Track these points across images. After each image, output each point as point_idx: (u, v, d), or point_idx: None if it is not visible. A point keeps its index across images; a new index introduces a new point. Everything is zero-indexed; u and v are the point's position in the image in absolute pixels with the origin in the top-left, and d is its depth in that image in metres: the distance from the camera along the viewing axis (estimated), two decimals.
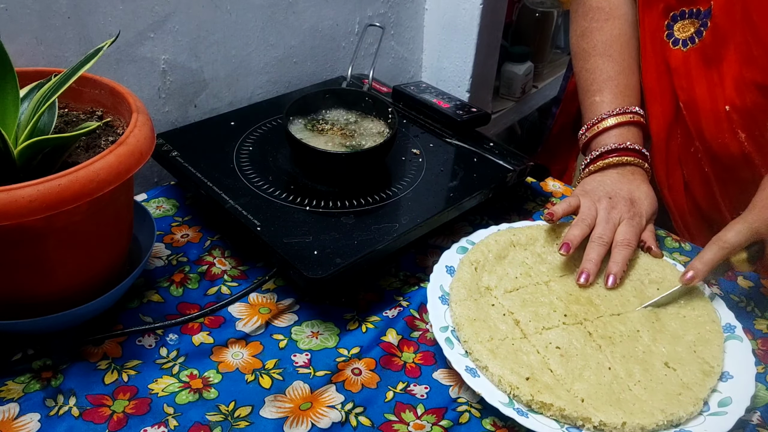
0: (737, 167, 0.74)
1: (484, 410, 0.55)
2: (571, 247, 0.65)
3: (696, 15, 0.74)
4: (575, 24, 0.85)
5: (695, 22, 0.74)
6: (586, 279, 0.64)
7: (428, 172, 0.75)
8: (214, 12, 0.82)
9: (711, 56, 0.73)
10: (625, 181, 0.73)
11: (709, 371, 0.56)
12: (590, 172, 0.75)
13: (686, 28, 0.75)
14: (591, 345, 0.58)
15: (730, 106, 0.72)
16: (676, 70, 0.76)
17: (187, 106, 0.86)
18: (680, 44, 0.75)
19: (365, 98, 0.81)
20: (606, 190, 0.71)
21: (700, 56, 0.74)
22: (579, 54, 0.83)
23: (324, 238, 0.62)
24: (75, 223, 0.51)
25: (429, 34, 1.16)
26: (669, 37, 0.77)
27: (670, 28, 0.77)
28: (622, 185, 0.72)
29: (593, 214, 0.68)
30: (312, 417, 0.53)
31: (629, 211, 0.69)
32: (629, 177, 0.73)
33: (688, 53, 0.75)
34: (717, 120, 0.73)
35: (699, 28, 0.74)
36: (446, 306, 0.61)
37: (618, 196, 0.70)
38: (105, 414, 0.52)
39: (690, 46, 0.74)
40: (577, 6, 0.85)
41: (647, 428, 0.51)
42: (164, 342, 0.59)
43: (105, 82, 0.61)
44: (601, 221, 0.68)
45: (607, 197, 0.70)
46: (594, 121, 0.77)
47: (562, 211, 0.68)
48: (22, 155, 0.50)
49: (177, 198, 0.77)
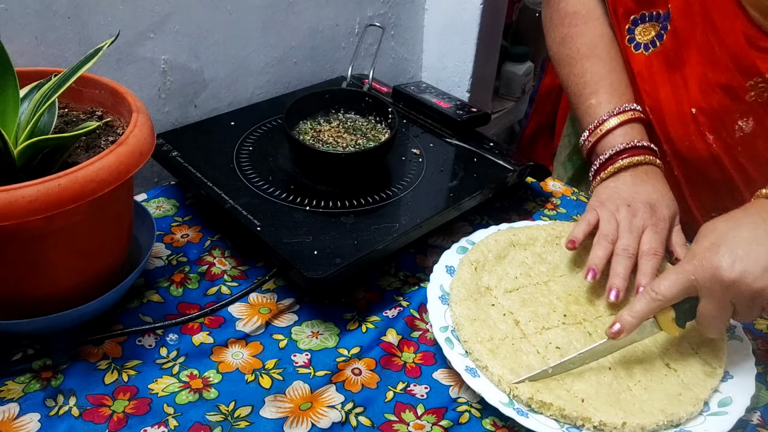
0: (706, 169, 0.73)
1: (484, 410, 0.55)
2: (597, 273, 0.62)
3: (656, 18, 0.73)
4: (553, 32, 0.82)
5: (656, 25, 0.73)
6: (617, 296, 0.61)
7: (428, 172, 0.75)
8: (214, 12, 0.82)
9: (673, 59, 0.72)
10: (641, 183, 0.69)
11: (711, 372, 0.56)
12: (602, 179, 0.72)
13: (647, 31, 0.74)
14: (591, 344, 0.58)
15: (696, 109, 0.71)
16: (639, 74, 0.75)
17: (187, 106, 0.86)
18: (642, 48, 0.74)
19: (365, 98, 0.81)
20: (623, 197, 0.68)
21: (663, 59, 0.73)
22: (563, 60, 0.80)
23: (324, 238, 0.62)
24: (75, 224, 0.51)
25: (429, 34, 1.16)
26: (630, 41, 0.75)
27: (631, 33, 0.75)
28: (639, 189, 0.69)
29: (614, 227, 0.65)
30: (312, 417, 0.53)
31: (651, 218, 0.66)
32: (643, 178, 0.70)
33: (650, 57, 0.74)
34: (683, 123, 0.72)
35: (660, 31, 0.72)
36: (446, 306, 0.61)
37: (636, 202, 0.67)
38: (105, 414, 0.52)
39: (652, 50, 0.73)
40: (551, 14, 0.83)
41: (647, 428, 0.51)
42: (164, 342, 0.59)
43: (105, 82, 0.61)
44: (623, 232, 0.65)
45: (626, 205, 0.67)
46: (595, 125, 0.74)
47: (582, 234, 0.65)
48: (22, 155, 0.50)
49: (177, 198, 0.77)
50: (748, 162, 0.71)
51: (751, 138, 0.69)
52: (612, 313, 0.62)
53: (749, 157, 0.71)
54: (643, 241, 0.65)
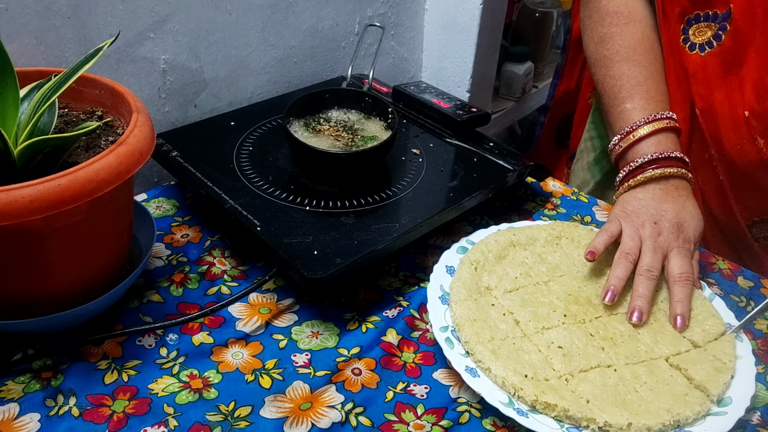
0: (755, 174, 0.72)
1: (484, 410, 0.55)
2: (616, 295, 0.61)
3: (713, 18, 0.72)
4: (591, 31, 0.80)
5: (712, 25, 0.72)
6: (639, 318, 0.60)
7: (428, 172, 0.75)
8: (214, 12, 0.82)
9: (731, 60, 0.70)
10: (670, 199, 0.67)
11: (722, 367, 0.56)
12: (629, 187, 0.70)
13: (702, 32, 0.73)
14: (593, 345, 0.58)
15: (750, 112, 0.70)
16: (693, 76, 0.73)
17: (187, 106, 0.86)
18: (697, 48, 0.73)
19: (365, 98, 0.81)
20: (650, 212, 0.66)
21: (719, 61, 0.71)
22: (600, 61, 0.78)
23: (324, 238, 0.62)
24: (75, 223, 0.51)
25: (429, 34, 1.16)
26: (685, 41, 0.74)
27: (685, 33, 0.74)
28: (667, 206, 0.67)
29: (637, 245, 0.64)
30: (312, 417, 0.53)
31: (678, 238, 0.64)
32: (674, 194, 0.68)
33: (705, 58, 0.72)
34: (735, 126, 0.71)
35: (717, 31, 0.71)
36: (446, 306, 0.61)
37: (664, 220, 0.65)
38: (105, 414, 0.52)
39: (708, 51, 0.72)
40: (590, 12, 0.81)
41: (653, 429, 0.51)
42: (164, 342, 0.59)
43: (105, 82, 0.61)
44: (647, 251, 0.63)
45: (652, 222, 0.65)
46: (627, 130, 0.71)
47: (604, 246, 0.64)
48: (22, 155, 0.50)
49: (177, 198, 0.77)
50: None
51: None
52: (612, 314, 0.62)
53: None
54: (673, 265, 0.63)
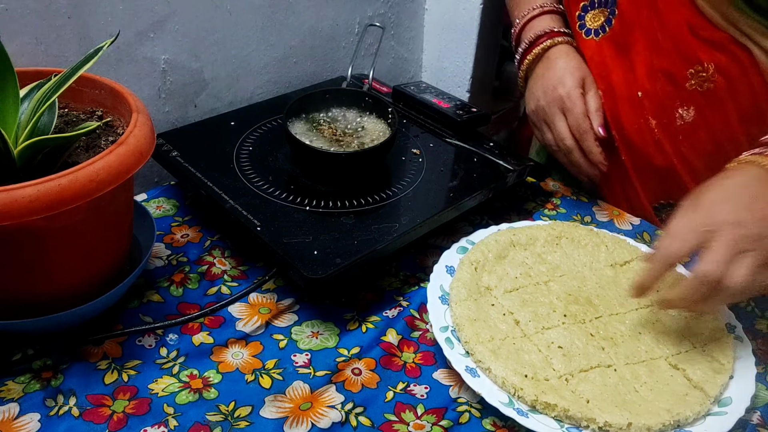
0: (651, 155, 0.75)
1: (484, 410, 0.55)
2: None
3: (605, 4, 0.75)
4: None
5: (604, 11, 0.75)
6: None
7: (428, 172, 0.75)
8: (214, 12, 0.82)
9: (621, 44, 0.74)
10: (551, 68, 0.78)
11: (720, 368, 0.56)
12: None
13: (597, 17, 0.76)
14: (593, 345, 0.58)
15: (642, 92, 0.73)
16: (591, 59, 0.77)
17: (187, 106, 0.86)
18: (592, 34, 0.77)
19: (365, 98, 0.81)
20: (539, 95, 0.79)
21: (612, 44, 0.75)
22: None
23: (324, 238, 0.62)
24: (75, 223, 0.51)
25: (429, 34, 1.16)
26: (581, 27, 0.78)
27: (581, 19, 0.78)
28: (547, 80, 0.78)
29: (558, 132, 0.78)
30: (312, 417, 0.53)
31: (566, 103, 0.76)
32: (548, 65, 0.78)
33: (600, 42, 0.76)
34: (633, 106, 0.74)
35: (608, 16, 0.75)
36: (446, 306, 0.61)
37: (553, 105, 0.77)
38: (105, 414, 0.52)
39: (602, 35, 0.76)
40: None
41: (653, 428, 0.51)
42: (164, 342, 0.59)
43: (105, 82, 0.60)
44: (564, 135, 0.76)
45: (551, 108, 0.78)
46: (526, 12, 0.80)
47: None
48: (22, 155, 0.50)
49: (177, 198, 0.77)
50: (689, 151, 0.72)
51: (691, 127, 0.71)
52: (612, 314, 0.62)
53: (690, 147, 0.72)
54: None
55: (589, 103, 0.74)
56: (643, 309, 0.62)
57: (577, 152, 0.75)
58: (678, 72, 0.69)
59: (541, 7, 0.80)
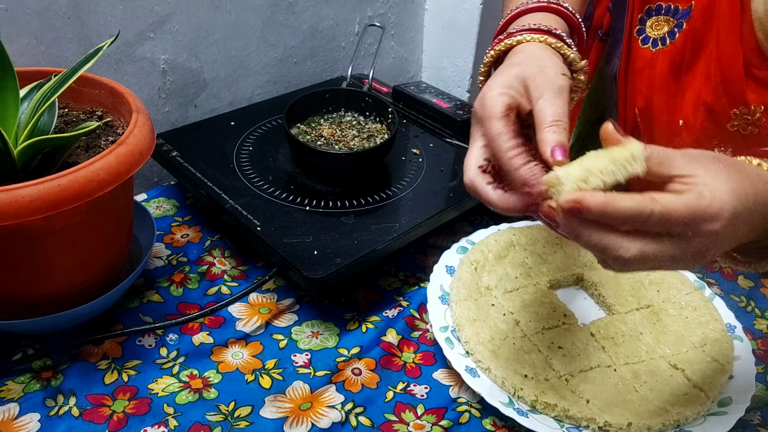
0: None
1: (484, 410, 0.55)
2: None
3: (673, 13, 0.66)
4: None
5: (670, 20, 0.66)
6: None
7: (428, 172, 0.75)
8: (214, 12, 0.82)
9: (678, 63, 0.66)
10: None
11: (720, 369, 0.56)
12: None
13: (660, 26, 0.67)
14: (593, 345, 0.58)
15: (684, 121, 0.67)
16: (640, 72, 0.69)
17: (187, 106, 0.86)
18: (650, 43, 0.68)
19: (365, 98, 0.81)
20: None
21: (668, 60, 0.67)
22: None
23: (324, 238, 0.62)
24: (75, 223, 0.51)
25: (429, 34, 1.16)
26: (640, 33, 0.69)
27: (642, 23, 0.68)
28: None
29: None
30: (312, 417, 0.53)
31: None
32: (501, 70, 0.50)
33: (656, 55, 0.68)
34: (670, 133, 0.68)
35: (673, 28, 0.66)
36: (446, 306, 0.61)
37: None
38: (105, 414, 0.52)
39: (659, 47, 0.67)
40: None
41: (653, 429, 0.51)
42: (164, 342, 0.59)
43: (105, 82, 0.61)
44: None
45: None
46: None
47: None
48: (22, 155, 0.50)
49: (177, 198, 0.77)
50: None
51: None
52: (612, 314, 0.62)
53: None
54: None
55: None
56: (643, 309, 0.62)
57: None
58: (721, 110, 0.63)
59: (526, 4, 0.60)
